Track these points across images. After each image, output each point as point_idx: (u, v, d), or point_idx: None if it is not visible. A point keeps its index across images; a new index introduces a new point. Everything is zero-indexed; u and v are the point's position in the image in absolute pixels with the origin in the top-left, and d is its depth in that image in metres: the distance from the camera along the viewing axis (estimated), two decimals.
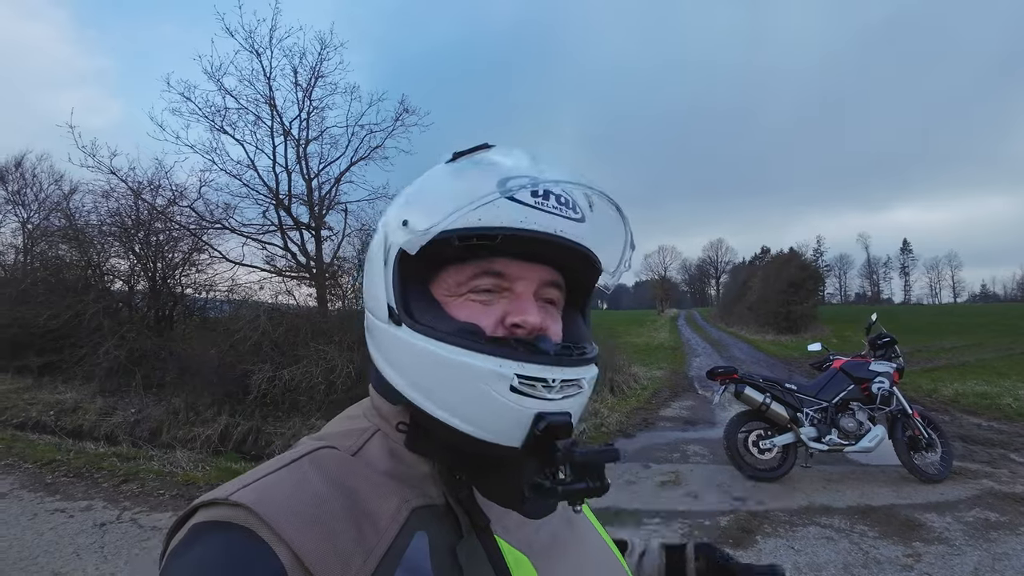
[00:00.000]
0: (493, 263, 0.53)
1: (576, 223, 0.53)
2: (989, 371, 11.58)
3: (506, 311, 0.53)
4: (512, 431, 0.49)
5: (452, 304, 0.53)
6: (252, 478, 0.48)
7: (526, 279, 0.54)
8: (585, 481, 0.47)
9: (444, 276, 0.54)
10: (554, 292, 0.57)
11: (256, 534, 0.43)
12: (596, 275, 0.60)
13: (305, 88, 9.80)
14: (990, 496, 4.37)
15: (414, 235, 0.51)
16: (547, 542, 0.57)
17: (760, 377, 5.04)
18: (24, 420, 8.01)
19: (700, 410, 8.34)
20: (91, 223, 10.75)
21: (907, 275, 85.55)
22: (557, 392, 0.50)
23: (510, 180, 0.51)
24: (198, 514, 0.46)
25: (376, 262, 0.55)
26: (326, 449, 0.52)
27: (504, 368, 0.48)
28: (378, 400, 0.58)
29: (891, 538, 3.65)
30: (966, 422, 7.29)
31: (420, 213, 0.51)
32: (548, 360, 0.50)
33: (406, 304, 0.52)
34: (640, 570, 0.79)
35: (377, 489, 0.50)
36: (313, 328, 8.52)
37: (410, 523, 0.48)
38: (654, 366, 13.85)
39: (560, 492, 0.47)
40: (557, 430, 0.48)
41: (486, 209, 0.49)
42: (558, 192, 0.53)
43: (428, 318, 0.52)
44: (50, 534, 3.89)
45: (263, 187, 9.74)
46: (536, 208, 0.51)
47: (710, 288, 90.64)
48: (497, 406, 0.48)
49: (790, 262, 29.66)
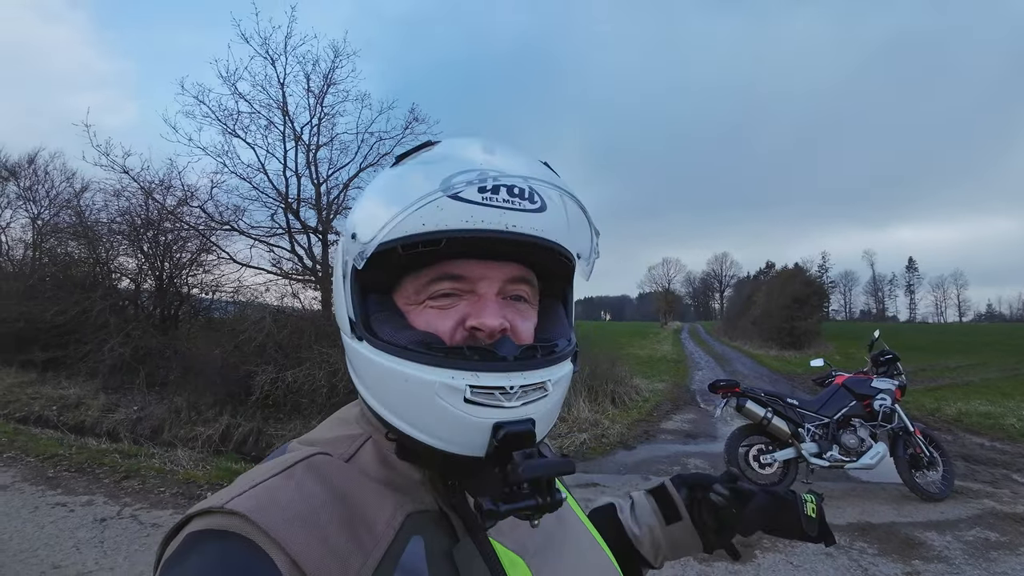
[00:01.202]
0: (450, 266, 0.51)
1: (532, 214, 0.50)
2: (993, 391, 11.48)
3: (466, 313, 0.51)
4: (472, 442, 0.48)
5: (412, 312, 0.52)
6: (247, 485, 0.47)
7: (488, 279, 0.52)
8: (535, 498, 0.46)
9: (405, 284, 0.53)
10: (523, 287, 0.55)
11: (253, 542, 0.42)
12: (567, 263, 0.56)
13: (317, 95, 9.96)
14: (991, 516, 4.34)
15: (359, 248, 0.49)
16: (541, 542, 0.57)
17: (762, 391, 5.03)
18: (27, 414, 8.07)
19: (701, 423, 8.31)
20: (101, 221, 10.91)
21: (912, 293, 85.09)
22: (517, 399, 0.48)
23: (456, 176, 0.47)
24: (193, 522, 0.45)
25: (337, 276, 0.55)
26: (320, 455, 0.52)
27: (456, 380, 0.46)
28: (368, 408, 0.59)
29: (891, 556, 3.63)
30: (969, 441, 7.24)
31: (365, 224, 0.50)
32: (504, 367, 0.48)
33: (366, 318, 0.52)
34: (637, 521, 0.81)
35: (372, 495, 0.49)
36: (317, 331, 8.55)
37: (405, 528, 0.48)
38: (656, 378, 13.79)
39: (503, 512, 0.45)
40: (519, 439, 0.47)
41: (427, 212, 0.47)
42: (510, 184, 0.49)
43: (387, 330, 0.51)
44: (51, 527, 3.91)
45: (273, 190, 9.87)
46: (483, 204, 0.48)
47: (714, 302, 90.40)
48: (453, 418, 0.47)
49: (795, 277, 29.59)
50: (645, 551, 0.79)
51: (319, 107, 10.01)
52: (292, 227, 10.00)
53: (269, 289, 10.05)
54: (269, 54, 9.52)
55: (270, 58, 9.55)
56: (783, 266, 43.76)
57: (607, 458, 6.29)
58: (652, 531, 0.80)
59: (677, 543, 0.79)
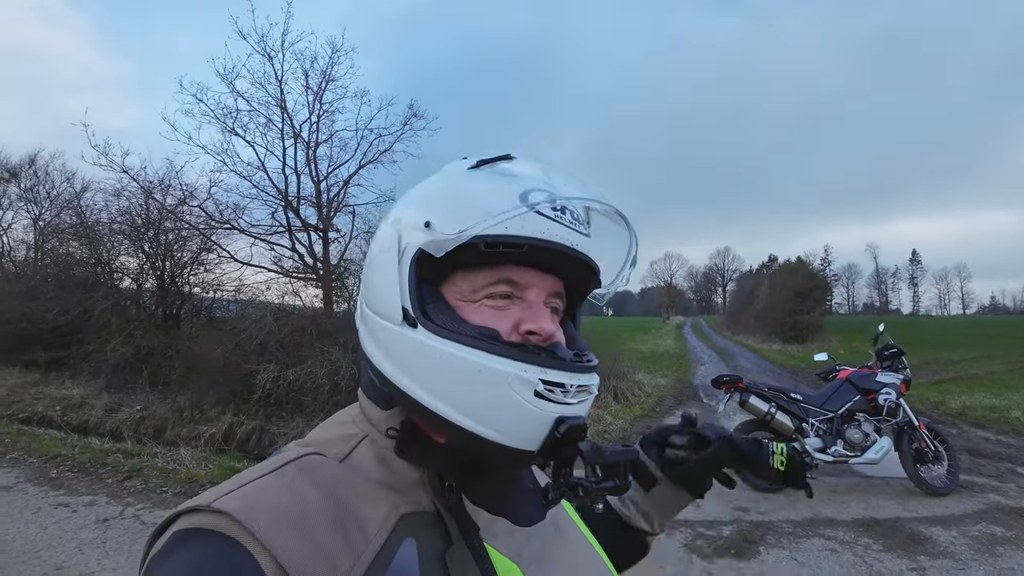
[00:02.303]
0: (509, 271, 0.54)
1: (586, 238, 0.56)
2: (998, 384, 11.45)
3: (520, 318, 0.53)
4: (532, 434, 0.49)
5: (466, 309, 0.54)
6: (236, 484, 0.47)
7: (538, 288, 0.55)
8: (613, 480, 0.51)
9: (456, 280, 0.54)
10: (557, 302, 0.59)
11: (238, 542, 0.42)
12: (593, 285, 0.62)
13: (316, 91, 9.89)
14: (997, 511, 4.32)
15: (440, 237, 0.51)
16: (537, 549, 0.57)
17: (765, 386, 5.01)
18: (31, 414, 8.10)
19: (704, 418, 8.16)
20: (102, 221, 10.89)
21: (916, 286, 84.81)
22: (574, 397, 0.51)
23: (531, 193, 0.53)
24: (179, 521, 0.45)
25: (386, 262, 0.55)
26: (313, 455, 0.52)
27: (529, 373, 0.49)
28: (367, 405, 0.58)
29: (896, 551, 3.61)
30: (974, 435, 7.21)
31: (445, 216, 0.52)
32: (567, 366, 0.52)
33: (422, 306, 0.52)
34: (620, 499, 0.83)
35: (365, 495, 0.49)
36: (318, 329, 8.55)
37: (399, 529, 0.48)
38: (659, 374, 13.78)
39: (594, 490, 0.49)
40: (576, 432, 0.50)
41: (514, 219, 0.51)
42: (572, 208, 0.55)
43: (444, 320, 0.52)
44: (53, 528, 3.92)
45: (272, 188, 9.82)
46: (556, 221, 0.53)
47: (716, 296, 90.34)
48: (521, 410, 0.49)
49: (797, 271, 29.54)
50: (639, 524, 0.82)
51: (318, 104, 9.95)
52: (292, 225, 9.97)
53: (270, 287, 10.02)
54: (266, 51, 9.46)
55: (267, 55, 9.49)
56: (786, 260, 43.71)
57: None
58: (636, 504, 0.82)
59: (664, 504, 0.82)
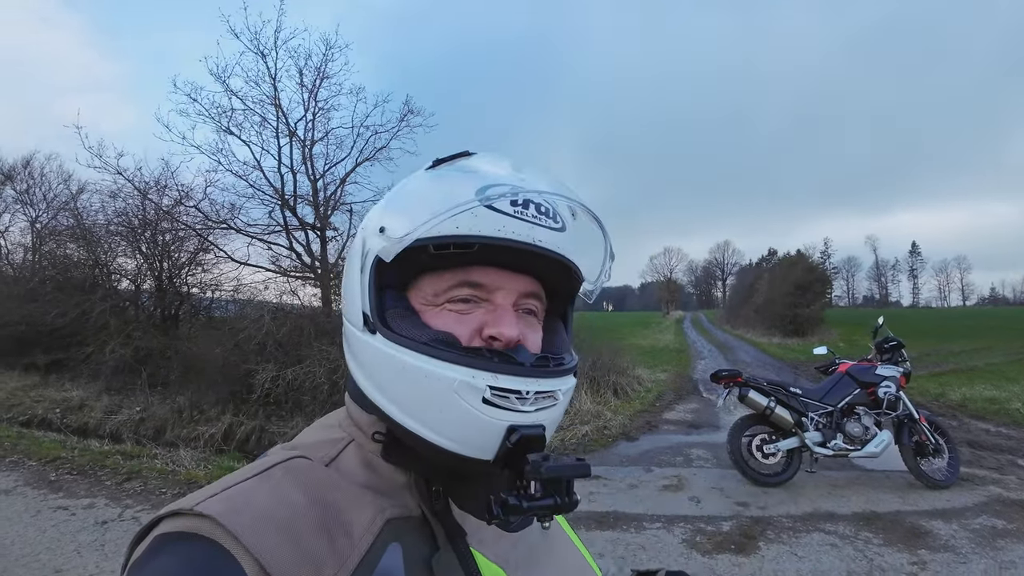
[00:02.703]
0: (471, 272, 0.52)
1: (555, 232, 0.53)
2: (998, 376, 11.45)
3: (483, 322, 0.52)
4: (484, 443, 0.48)
5: (429, 313, 0.53)
6: (220, 487, 0.46)
7: (505, 289, 0.53)
8: (553, 497, 0.47)
9: (421, 284, 0.54)
10: (534, 302, 0.56)
11: (221, 546, 0.41)
12: (577, 284, 0.59)
13: (310, 89, 9.87)
14: (998, 503, 4.31)
15: (390, 242, 0.50)
16: (524, 555, 0.56)
17: (765, 380, 5.00)
18: (30, 417, 8.10)
19: (704, 413, 8.29)
20: (98, 223, 10.90)
21: (916, 278, 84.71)
22: (531, 404, 0.49)
23: (489, 188, 0.50)
24: (162, 524, 0.44)
25: (353, 268, 0.55)
26: (299, 459, 0.51)
27: (477, 379, 0.47)
28: (354, 409, 0.58)
29: (896, 545, 3.60)
30: (974, 427, 7.21)
31: (397, 219, 0.51)
32: (523, 372, 0.50)
33: (381, 312, 0.52)
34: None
35: (351, 500, 0.49)
36: (317, 328, 8.55)
37: (384, 534, 0.47)
38: (658, 368, 13.78)
39: (526, 508, 0.46)
40: (530, 443, 0.48)
41: (464, 217, 0.48)
42: (539, 201, 0.53)
43: (404, 326, 0.51)
44: (52, 531, 3.91)
45: (269, 187, 9.81)
46: (514, 217, 0.51)
47: (716, 290, 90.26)
48: (469, 418, 0.47)
49: (797, 264, 29.49)
50: None
51: (313, 102, 9.94)
52: (289, 224, 9.96)
53: (268, 287, 10.03)
54: (260, 49, 9.43)
55: (261, 53, 9.46)
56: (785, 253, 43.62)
57: (609, 450, 6.27)
58: None
59: None
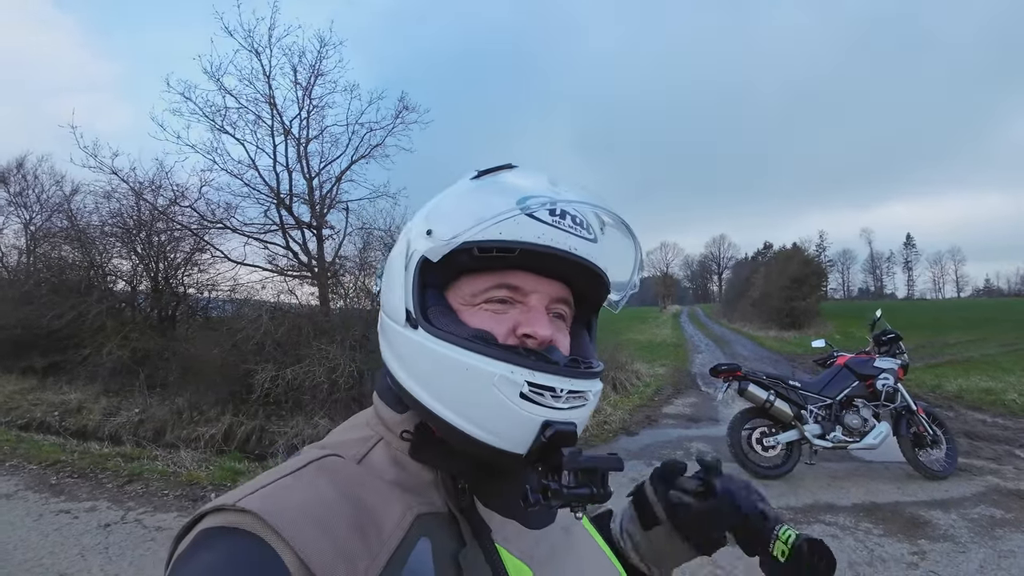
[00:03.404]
0: (509, 275, 0.55)
1: (589, 243, 0.57)
2: (993, 367, 11.52)
3: (518, 322, 0.55)
4: (519, 437, 0.50)
5: (466, 312, 0.56)
6: (259, 484, 0.48)
7: (539, 293, 0.56)
8: (589, 487, 0.49)
9: (459, 285, 0.57)
10: (564, 308, 0.59)
11: (263, 539, 0.43)
12: (604, 293, 0.63)
13: (305, 87, 9.77)
14: (995, 493, 4.35)
15: (437, 243, 0.54)
16: (547, 553, 0.57)
17: (764, 374, 5.02)
18: (29, 421, 8.05)
19: (703, 407, 8.32)
20: (93, 224, 10.78)
21: (910, 270, 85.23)
22: (564, 402, 0.52)
23: (530, 199, 0.54)
24: (205, 520, 0.46)
25: (396, 268, 0.58)
26: (331, 457, 0.53)
27: (515, 374, 0.50)
28: (382, 409, 0.60)
29: (896, 536, 3.64)
30: (971, 418, 7.26)
31: (444, 224, 0.54)
32: (558, 370, 0.52)
33: (423, 309, 0.55)
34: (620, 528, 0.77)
35: (382, 496, 0.50)
36: (315, 327, 8.51)
37: (414, 530, 0.49)
38: (657, 363, 13.81)
39: (565, 495, 0.48)
40: (563, 438, 0.50)
41: (507, 224, 0.52)
42: (573, 213, 0.57)
43: (445, 323, 0.54)
44: (55, 535, 3.90)
45: (264, 186, 9.72)
46: (552, 226, 0.54)
47: (713, 284, 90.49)
48: (506, 411, 0.50)
49: (793, 258, 29.60)
50: (635, 562, 0.73)
51: (307, 99, 9.83)
52: (286, 223, 9.89)
53: (265, 287, 9.96)
54: (253, 47, 9.33)
55: (255, 51, 9.36)
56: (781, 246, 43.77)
57: (610, 445, 6.30)
58: (632, 539, 0.74)
59: (662, 551, 0.72)
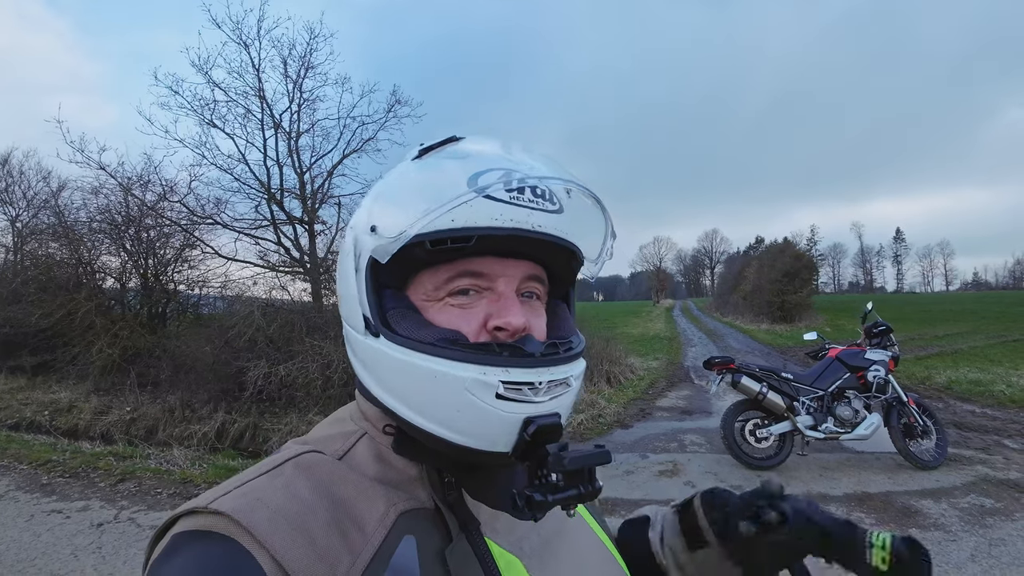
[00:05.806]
0: (470, 263, 0.51)
1: (553, 215, 0.51)
2: (982, 358, 11.67)
3: (488, 313, 0.51)
4: (501, 438, 0.47)
5: (431, 309, 0.51)
6: (233, 485, 0.47)
7: (506, 276, 0.52)
8: (577, 487, 0.47)
9: (420, 280, 0.52)
10: (536, 285, 0.55)
11: (237, 542, 0.41)
12: (578, 265, 0.58)
13: (295, 80, 9.70)
14: (985, 482, 4.41)
15: (384, 241, 0.48)
16: (539, 543, 0.55)
17: (756, 366, 5.06)
18: (19, 420, 7.96)
19: (697, 400, 8.37)
20: (81, 220, 10.66)
21: (900, 264, 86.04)
22: (544, 394, 0.49)
23: (482, 175, 0.48)
24: (179, 523, 0.45)
25: (347, 271, 0.53)
26: (311, 453, 0.51)
27: (488, 375, 0.46)
28: (364, 403, 0.57)
29: (887, 525, 3.68)
30: (960, 409, 7.36)
31: (389, 217, 0.49)
32: (533, 363, 0.49)
33: (382, 314, 0.51)
34: (662, 540, 0.71)
35: (364, 493, 0.49)
36: (308, 323, 8.47)
37: (397, 527, 0.47)
38: (650, 356, 13.88)
39: (551, 502, 0.46)
40: (547, 433, 0.47)
41: (460, 210, 0.47)
42: (533, 184, 0.50)
43: (406, 327, 0.50)
44: (47, 535, 3.86)
45: (255, 181, 9.66)
46: (511, 204, 0.48)
47: (705, 278, 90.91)
48: (484, 414, 0.47)
49: (784, 252, 29.72)
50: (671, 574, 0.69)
51: (298, 92, 9.77)
52: (277, 218, 9.83)
53: (257, 283, 9.91)
54: (242, 39, 9.24)
55: (243, 43, 9.26)
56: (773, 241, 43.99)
57: (604, 438, 6.32)
58: (676, 556, 0.68)
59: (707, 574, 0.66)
